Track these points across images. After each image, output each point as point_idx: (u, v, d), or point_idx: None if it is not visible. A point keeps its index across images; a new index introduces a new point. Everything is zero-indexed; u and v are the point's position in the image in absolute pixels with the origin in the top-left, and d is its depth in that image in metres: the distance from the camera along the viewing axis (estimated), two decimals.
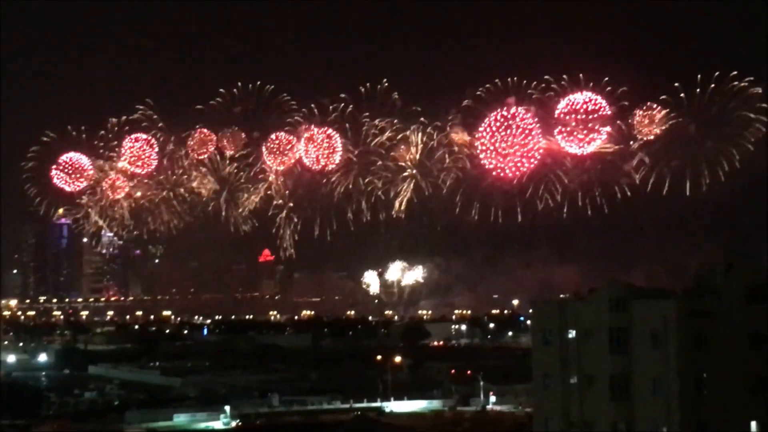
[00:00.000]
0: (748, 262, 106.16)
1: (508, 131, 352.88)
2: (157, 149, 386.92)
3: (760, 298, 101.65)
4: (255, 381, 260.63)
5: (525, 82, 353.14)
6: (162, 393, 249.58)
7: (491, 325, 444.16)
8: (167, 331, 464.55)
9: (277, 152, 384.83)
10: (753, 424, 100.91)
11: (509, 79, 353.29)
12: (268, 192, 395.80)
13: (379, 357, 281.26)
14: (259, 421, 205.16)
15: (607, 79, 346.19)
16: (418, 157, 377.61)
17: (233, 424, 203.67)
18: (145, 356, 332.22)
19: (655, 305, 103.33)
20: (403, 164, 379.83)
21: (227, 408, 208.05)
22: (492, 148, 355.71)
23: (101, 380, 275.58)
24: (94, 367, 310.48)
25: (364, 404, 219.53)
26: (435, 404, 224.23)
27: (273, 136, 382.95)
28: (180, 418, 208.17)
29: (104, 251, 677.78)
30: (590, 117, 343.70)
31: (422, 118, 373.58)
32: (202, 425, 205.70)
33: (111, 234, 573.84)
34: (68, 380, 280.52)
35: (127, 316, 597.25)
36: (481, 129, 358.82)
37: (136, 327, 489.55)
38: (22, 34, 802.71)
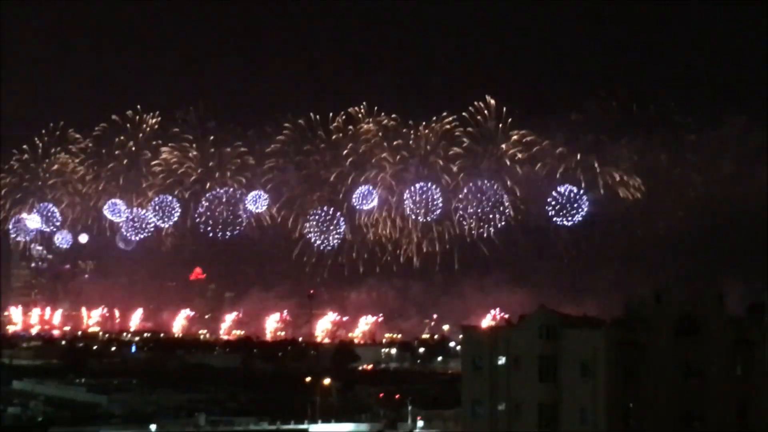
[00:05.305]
0: (678, 294, 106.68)
1: None
2: None
3: (689, 330, 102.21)
4: (183, 400, 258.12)
5: None
6: (87, 410, 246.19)
7: (421, 350, 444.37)
8: (95, 347, 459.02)
9: None
10: None
11: None
12: None
13: (308, 379, 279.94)
14: None
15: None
16: None
17: None
18: (72, 372, 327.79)
19: (584, 334, 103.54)
20: None
21: (153, 427, 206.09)
22: None
23: (25, 396, 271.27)
24: (18, 382, 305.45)
25: (291, 426, 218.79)
26: (362, 427, 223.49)
27: None
28: None
29: (33, 264, 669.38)
30: None
31: None
32: None
33: (41, 247, 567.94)
34: None
35: (55, 332, 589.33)
36: None
37: (63, 342, 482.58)
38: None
